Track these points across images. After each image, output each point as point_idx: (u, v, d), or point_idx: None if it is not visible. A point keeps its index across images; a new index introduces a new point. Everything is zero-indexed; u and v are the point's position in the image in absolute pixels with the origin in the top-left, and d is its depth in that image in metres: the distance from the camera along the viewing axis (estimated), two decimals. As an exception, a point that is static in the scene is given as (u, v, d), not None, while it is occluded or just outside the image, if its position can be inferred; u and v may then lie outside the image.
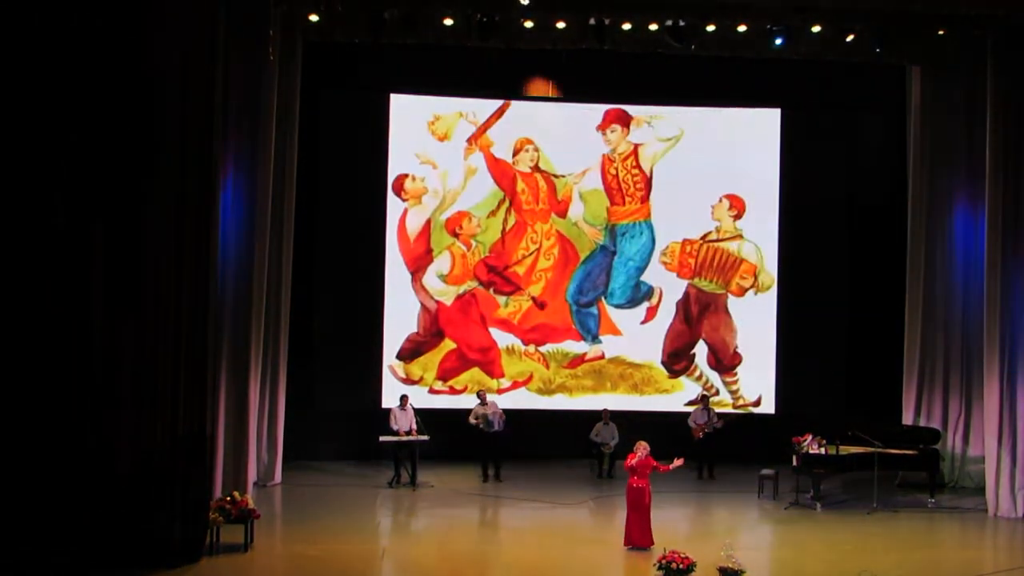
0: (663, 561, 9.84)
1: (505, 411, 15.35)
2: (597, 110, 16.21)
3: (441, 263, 16.20)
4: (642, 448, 11.50)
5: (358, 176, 16.07)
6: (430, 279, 16.23)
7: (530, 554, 11.24)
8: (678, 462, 10.94)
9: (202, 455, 10.60)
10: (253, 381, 13.29)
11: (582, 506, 13.62)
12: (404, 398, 14.98)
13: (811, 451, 13.79)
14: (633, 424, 15.19)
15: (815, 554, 11.49)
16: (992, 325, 13.47)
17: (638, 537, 11.24)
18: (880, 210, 16.32)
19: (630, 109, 16.18)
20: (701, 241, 16.26)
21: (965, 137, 14.51)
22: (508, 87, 15.90)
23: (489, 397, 15.56)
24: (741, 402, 16.49)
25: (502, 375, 16.34)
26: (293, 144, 14.31)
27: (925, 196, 14.95)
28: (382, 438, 14.57)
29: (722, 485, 15.12)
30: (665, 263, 16.37)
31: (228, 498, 11.10)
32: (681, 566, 9.69)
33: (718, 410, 16.01)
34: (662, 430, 14.65)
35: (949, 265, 14.83)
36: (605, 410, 16.11)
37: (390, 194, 16.12)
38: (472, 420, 15.15)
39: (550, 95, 15.71)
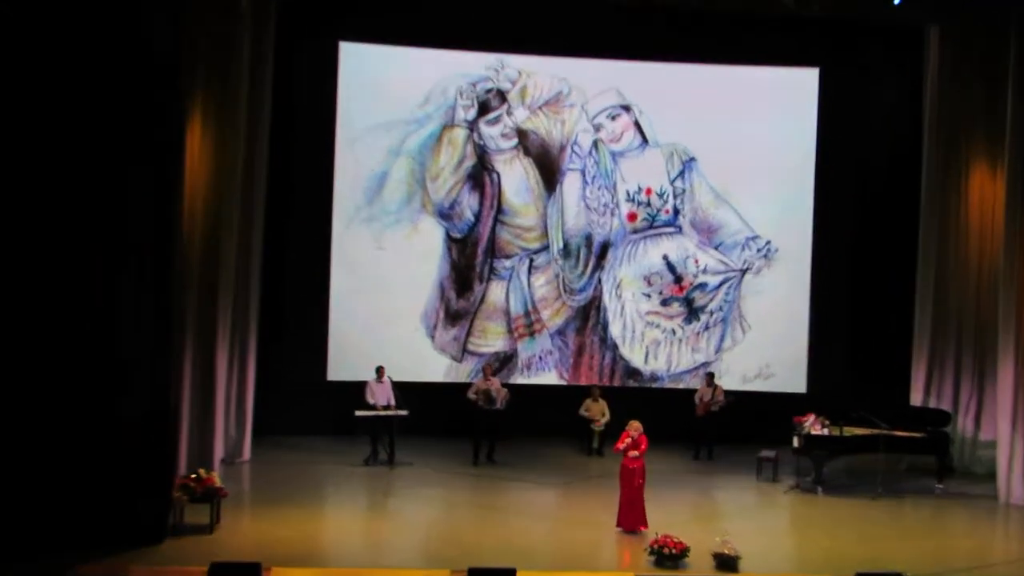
0: (655, 546, 9.88)
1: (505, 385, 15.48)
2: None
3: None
4: (634, 429, 11.44)
5: (334, 129, 16.27)
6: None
7: (514, 537, 11.16)
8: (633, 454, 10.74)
9: (165, 430, 10.57)
10: (220, 351, 13.29)
11: (571, 486, 13.67)
12: (380, 369, 14.87)
13: (813, 432, 13.82)
14: (626, 400, 15.56)
15: (815, 541, 11.50)
16: (1008, 301, 13.48)
17: (630, 520, 11.25)
18: (891, 179, 16.58)
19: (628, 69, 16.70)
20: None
21: (984, 103, 14.65)
22: (497, 41, 16.36)
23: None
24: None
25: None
26: (266, 97, 14.48)
27: (939, 164, 15.10)
28: (357, 412, 14.50)
29: (720, 466, 15.19)
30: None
31: (193, 476, 11.10)
32: (674, 551, 9.71)
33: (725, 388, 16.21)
34: (659, 406, 15.28)
35: (964, 238, 14.96)
36: (595, 386, 16.35)
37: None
38: (471, 395, 15.04)
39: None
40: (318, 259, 16.13)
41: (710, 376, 16.29)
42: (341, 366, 16.13)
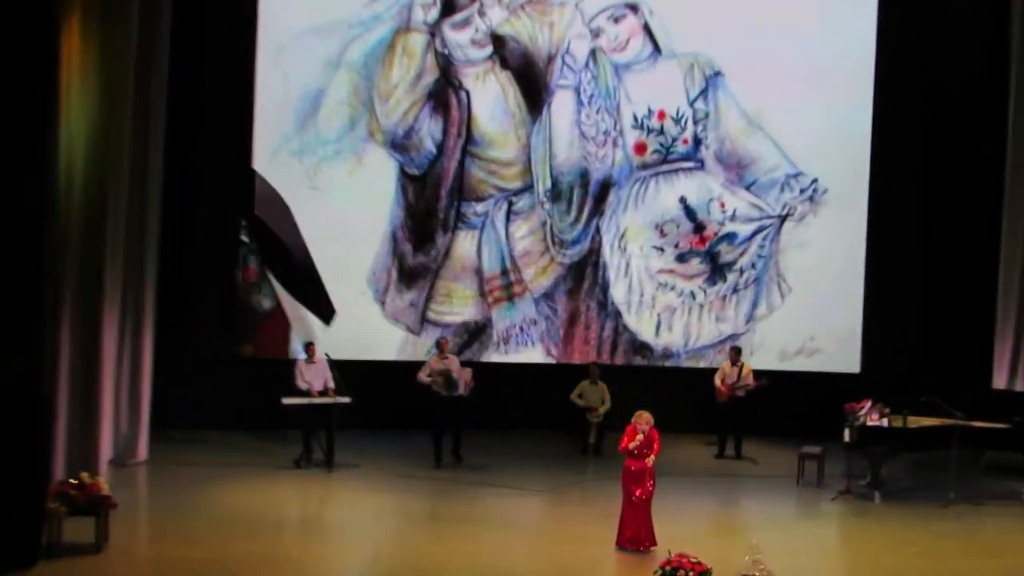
0: (667, 567, 9.86)
1: (467, 364, 15.61)
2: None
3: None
4: (643, 422, 11.45)
5: (254, 35, 16.32)
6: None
7: (488, 558, 11.22)
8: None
9: (36, 424, 10.56)
10: (108, 325, 13.32)
11: (560, 493, 13.74)
12: (311, 346, 15.09)
13: (869, 423, 13.92)
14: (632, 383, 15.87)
15: (871, 560, 11.58)
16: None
17: (635, 535, 11.30)
18: (969, 104, 16.65)
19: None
20: None
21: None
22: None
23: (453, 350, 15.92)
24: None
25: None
26: (163, 18, 14.54)
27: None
28: (285, 400, 14.58)
29: (751, 466, 15.29)
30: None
31: (74, 481, 11.12)
32: (691, 574, 9.71)
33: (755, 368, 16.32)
34: (674, 390, 15.68)
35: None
36: (593, 364, 16.32)
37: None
38: (424, 378, 15.08)
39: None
40: (234, 205, 16.16)
41: (736, 352, 16.19)
42: (264, 343, 16.29)
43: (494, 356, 16.81)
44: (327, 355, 14.90)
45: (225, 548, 11.19)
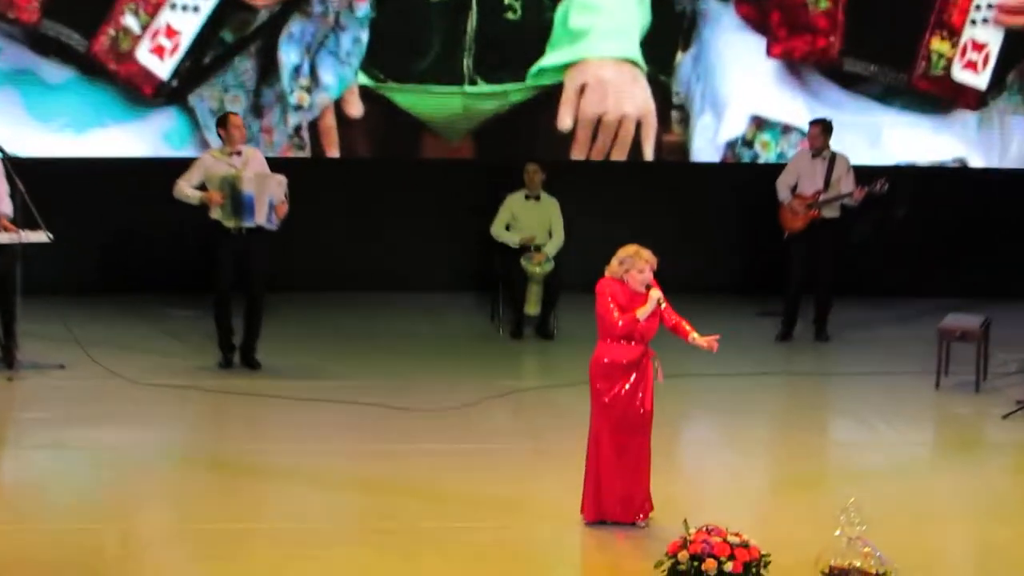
0: (683, 555, 8.95)
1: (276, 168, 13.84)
2: None
3: None
4: (643, 261, 9.98)
5: None
6: None
7: (333, 550, 9.63)
8: (705, 342, 10.07)
9: None
10: None
11: (469, 417, 12.50)
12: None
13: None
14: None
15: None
16: None
17: (621, 496, 10.17)
18: None
19: None
20: None
21: None
22: None
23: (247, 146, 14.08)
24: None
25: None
26: None
27: None
28: None
29: (846, 354, 14.31)
30: None
31: None
32: (730, 568, 8.76)
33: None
34: (692, 212, 15.55)
35: None
36: (532, 164, 14.51)
37: None
38: (186, 193, 13.23)
39: None
40: None
41: (823, 127, 14.01)
42: None
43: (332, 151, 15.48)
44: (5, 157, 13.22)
45: None
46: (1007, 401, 12.40)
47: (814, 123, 14.05)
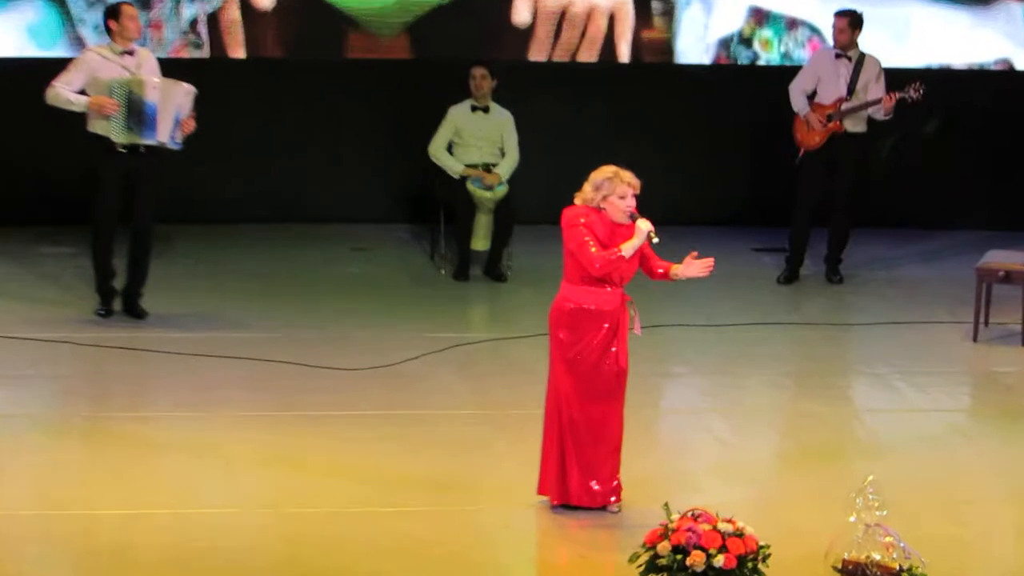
0: (661, 547, 8.63)
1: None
2: None
3: None
4: (624, 183, 9.84)
5: None
6: None
7: (245, 534, 9.35)
8: (699, 267, 9.72)
9: None
10: None
11: (403, 375, 12.14)
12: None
13: None
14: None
15: None
16: None
17: (579, 479, 9.98)
18: None
19: None
20: None
21: None
22: None
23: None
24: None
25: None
26: None
27: None
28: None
29: (863, 301, 14.04)
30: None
31: None
32: (720, 562, 8.45)
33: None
34: (680, 123, 15.31)
35: None
36: (478, 70, 13.95)
37: None
38: (67, 98, 12.75)
39: None
40: None
41: (851, 19, 13.63)
42: None
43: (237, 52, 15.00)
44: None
45: None
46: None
47: (840, 14, 13.51)
